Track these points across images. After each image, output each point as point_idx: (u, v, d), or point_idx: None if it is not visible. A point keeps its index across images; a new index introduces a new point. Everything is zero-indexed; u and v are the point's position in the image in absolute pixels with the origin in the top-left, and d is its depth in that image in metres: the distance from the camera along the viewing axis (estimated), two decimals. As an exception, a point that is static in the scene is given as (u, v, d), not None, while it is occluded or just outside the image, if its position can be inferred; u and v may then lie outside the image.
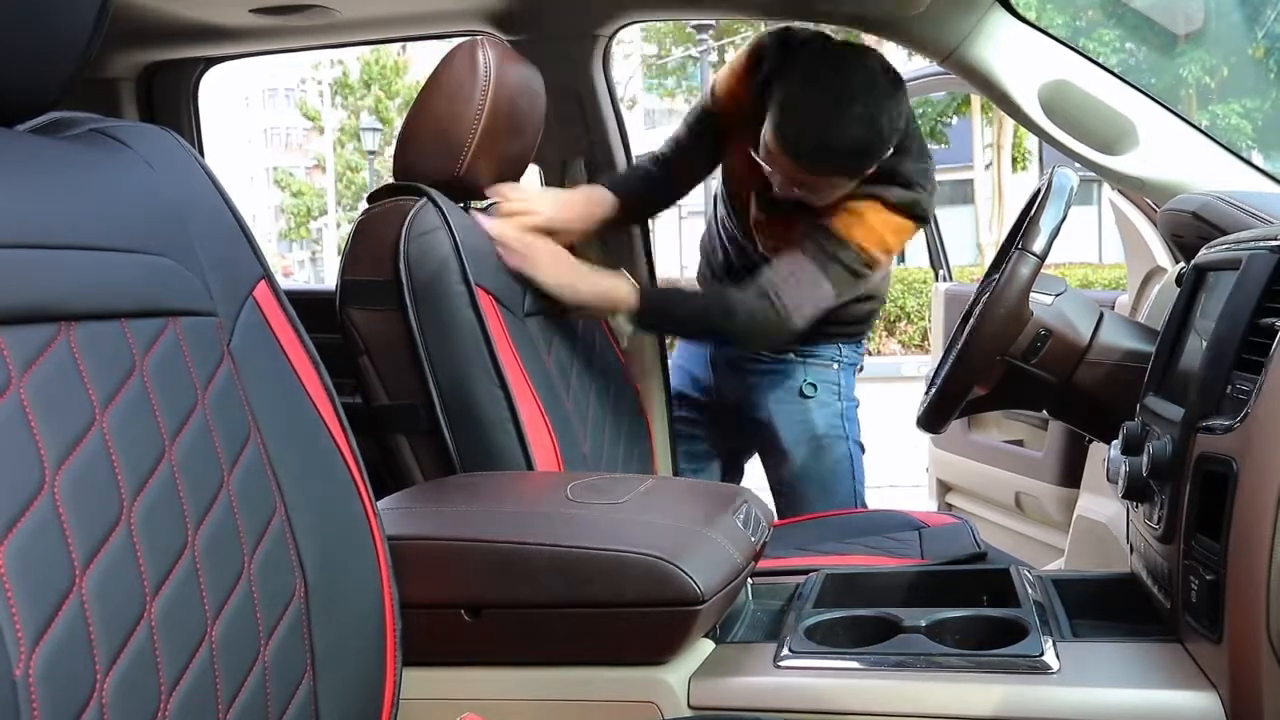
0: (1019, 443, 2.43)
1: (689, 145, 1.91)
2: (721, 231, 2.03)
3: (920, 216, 1.70)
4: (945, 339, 2.67)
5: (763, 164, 1.69)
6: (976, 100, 14.95)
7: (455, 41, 1.70)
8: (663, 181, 1.92)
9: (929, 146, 1.79)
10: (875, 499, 2.43)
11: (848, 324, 1.99)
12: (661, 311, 1.76)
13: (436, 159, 1.62)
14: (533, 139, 1.77)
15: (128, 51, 2.25)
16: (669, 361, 2.13)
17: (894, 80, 1.64)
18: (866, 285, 1.77)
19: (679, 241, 23.61)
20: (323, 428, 0.88)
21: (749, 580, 1.31)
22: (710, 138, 1.89)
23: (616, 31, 2.05)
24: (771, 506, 1.87)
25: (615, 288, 1.69)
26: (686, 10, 2.24)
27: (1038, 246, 1.35)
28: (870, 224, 1.67)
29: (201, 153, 2.46)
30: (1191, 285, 1.30)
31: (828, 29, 1.86)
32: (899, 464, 4.63)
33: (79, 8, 0.74)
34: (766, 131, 1.66)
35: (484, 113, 1.61)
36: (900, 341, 11.12)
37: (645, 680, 1.12)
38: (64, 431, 0.67)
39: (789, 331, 1.69)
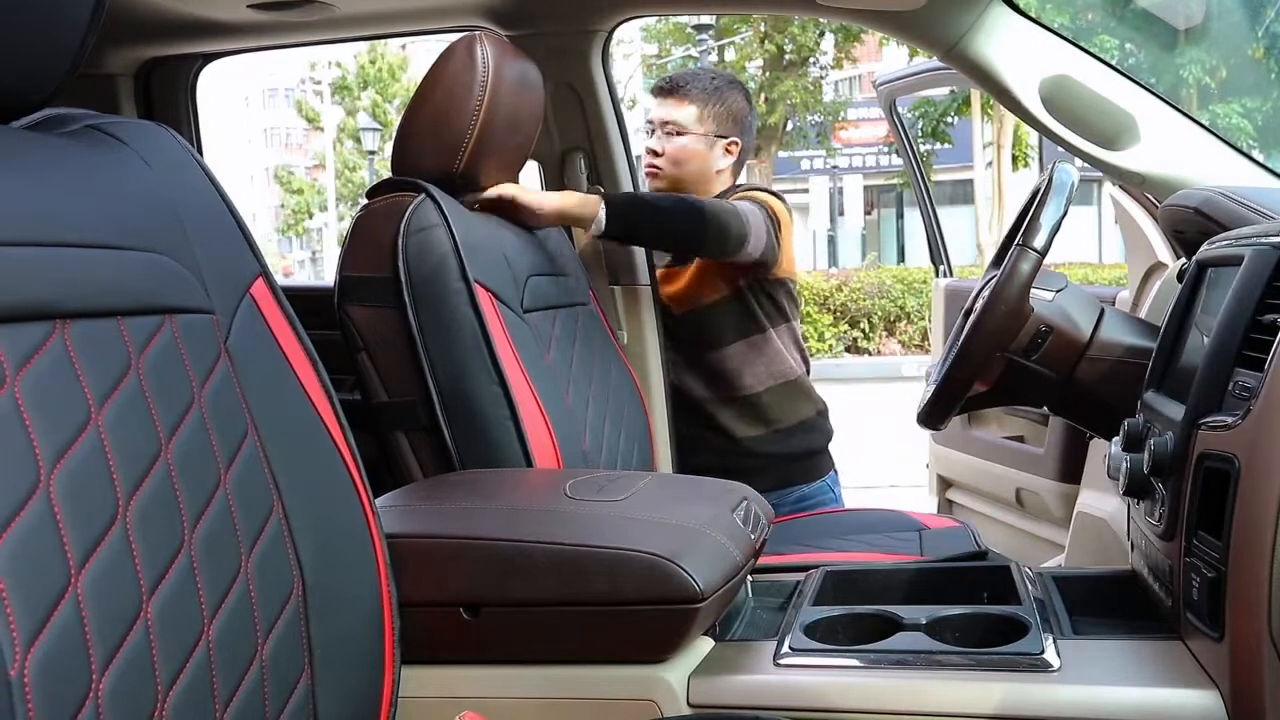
0: (1019, 439, 2.42)
1: None
2: None
3: (775, 194, 2.09)
4: (945, 335, 2.66)
5: (646, 134, 2.14)
6: (976, 99, 14.92)
7: (454, 37, 1.69)
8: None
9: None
10: (875, 499, 2.43)
11: (799, 456, 2.10)
12: (632, 206, 1.88)
13: (435, 155, 1.62)
14: (531, 135, 1.77)
15: (125, 47, 2.24)
16: None
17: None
18: (780, 263, 2.04)
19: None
20: (320, 425, 0.88)
21: (748, 578, 1.30)
22: None
23: (616, 27, 2.04)
24: None
25: (585, 196, 1.87)
26: (686, 6, 2.23)
27: (1038, 242, 1.34)
28: (751, 195, 2.04)
29: (200, 150, 2.47)
30: (1193, 281, 1.30)
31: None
32: (899, 464, 4.64)
33: (75, 3, 0.74)
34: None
35: (482, 109, 1.61)
36: (900, 341, 11.11)
37: (644, 679, 1.12)
38: (59, 430, 0.66)
39: (742, 235, 1.90)
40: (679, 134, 2.08)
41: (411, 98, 1.68)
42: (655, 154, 2.10)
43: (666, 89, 2.12)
